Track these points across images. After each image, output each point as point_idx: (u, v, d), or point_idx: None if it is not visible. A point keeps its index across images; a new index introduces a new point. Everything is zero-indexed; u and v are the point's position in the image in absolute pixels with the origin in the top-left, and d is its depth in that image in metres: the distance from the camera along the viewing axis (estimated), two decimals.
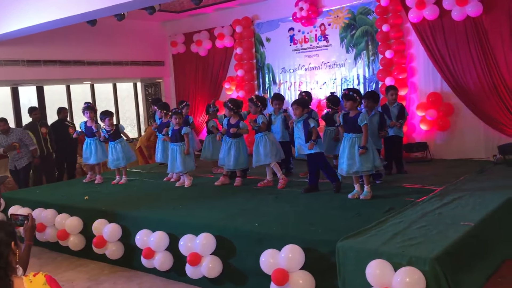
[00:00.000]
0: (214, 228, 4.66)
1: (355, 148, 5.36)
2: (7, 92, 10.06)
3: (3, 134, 8.13)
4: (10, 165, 8.23)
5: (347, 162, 5.37)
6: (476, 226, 4.08)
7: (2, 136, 8.13)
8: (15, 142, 8.07)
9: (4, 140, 8.10)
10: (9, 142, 8.08)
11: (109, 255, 5.41)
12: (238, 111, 6.64)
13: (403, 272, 3.33)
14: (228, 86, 10.46)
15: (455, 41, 7.53)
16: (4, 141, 8.10)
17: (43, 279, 2.24)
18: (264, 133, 6.38)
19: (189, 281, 4.79)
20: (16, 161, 8.17)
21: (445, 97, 7.85)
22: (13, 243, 2.28)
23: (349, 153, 5.38)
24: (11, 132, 8.17)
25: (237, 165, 6.57)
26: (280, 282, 3.90)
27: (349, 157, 5.36)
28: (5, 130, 8.10)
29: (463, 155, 7.70)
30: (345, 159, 5.40)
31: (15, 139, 8.10)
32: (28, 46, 8.97)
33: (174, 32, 11.23)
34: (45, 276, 2.25)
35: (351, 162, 5.35)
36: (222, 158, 6.70)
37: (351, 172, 5.37)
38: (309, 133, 5.79)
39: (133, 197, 6.38)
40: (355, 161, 5.33)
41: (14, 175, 8.32)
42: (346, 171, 5.40)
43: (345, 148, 5.44)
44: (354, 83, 8.79)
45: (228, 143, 6.61)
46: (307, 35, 9.28)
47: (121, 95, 12.15)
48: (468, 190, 5.38)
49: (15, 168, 8.21)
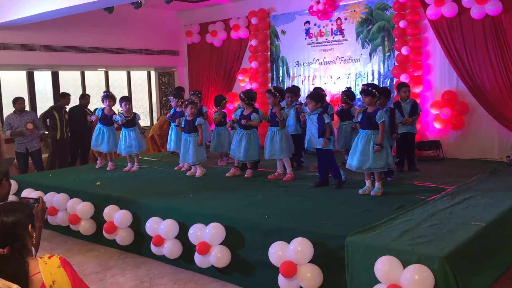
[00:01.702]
0: (223, 218, 4.68)
1: (370, 144, 5.32)
2: (22, 76, 10.16)
3: (16, 114, 8.25)
4: (20, 148, 8.25)
5: (360, 158, 5.35)
6: (487, 227, 4.06)
7: (16, 116, 8.26)
8: (29, 122, 8.20)
9: (18, 120, 8.22)
10: (22, 122, 8.19)
11: (119, 241, 5.47)
12: (250, 102, 6.64)
13: (412, 270, 3.33)
14: (242, 78, 10.45)
15: (473, 40, 7.45)
16: (18, 122, 8.21)
17: (58, 261, 2.27)
18: (280, 127, 6.39)
19: (197, 270, 4.84)
20: (28, 143, 8.25)
21: (460, 95, 7.78)
22: (30, 226, 2.30)
23: (363, 149, 5.34)
24: (25, 113, 8.30)
25: (247, 156, 6.58)
26: (288, 275, 3.92)
27: (362, 153, 5.33)
28: (22, 109, 8.26)
29: (476, 155, 7.64)
30: (357, 155, 5.37)
31: (29, 119, 8.24)
32: (44, 31, 9.04)
33: (190, 22, 11.23)
34: (60, 259, 2.28)
35: (364, 158, 5.32)
36: (233, 149, 6.72)
37: (363, 168, 5.35)
38: (323, 129, 5.78)
39: (144, 185, 6.43)
40: (369, 157, 5.30)
41: (22, 158, 8.28)
42: (358, 167, 5.37)
43: (358, 144, 5.41)
44: (369, 78, 8.73)
45: (240, 135, 6.62)
46: (323, 29, 9.23)
47: (135, 84, 12.22)
48: (480, 190, 5.35)
49: (26, 151, 8.26)
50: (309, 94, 6.21)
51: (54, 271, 2.22)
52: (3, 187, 3.05)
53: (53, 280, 2.20)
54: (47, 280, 2.19)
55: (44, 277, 2.19)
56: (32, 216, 2.34)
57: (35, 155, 8.38)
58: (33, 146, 8.32)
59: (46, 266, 2.23)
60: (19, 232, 2.24)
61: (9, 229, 2.21)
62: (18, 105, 8.28)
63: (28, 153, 8.32)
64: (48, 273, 2.21)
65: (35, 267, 2.21)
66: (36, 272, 2.20)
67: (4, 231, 2.21)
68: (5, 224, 2.21)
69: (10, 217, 2.23)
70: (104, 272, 5.06)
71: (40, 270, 2.21)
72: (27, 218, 2.29)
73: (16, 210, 2.28)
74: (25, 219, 2.28)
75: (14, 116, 8.27)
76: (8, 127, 8.20)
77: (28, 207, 2.37)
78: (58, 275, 2.22)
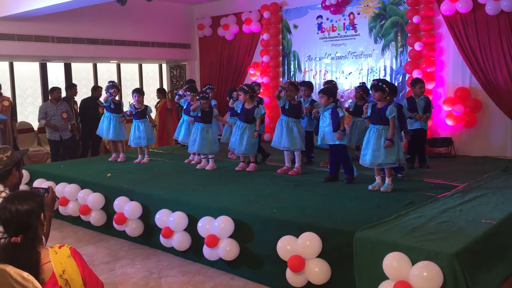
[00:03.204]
0: (233, 211, 4.70)
1: (381, 140, 5.29)
2: (36, 67, 10.24)
3: (52, 104, 8.58)
4: (54, 136, 8.58)
5: (372, 153, 5.32)
6: (497, 225, 4.02)
7: (52, 105, 8.58)
8: (64, 111, 8.61)
9: (54, 109, 8.55)
10: (58, 111, 8.56)
11: (129, 232, 5.51)
12: (253, 94, 6.63)
13: (421, 266, 3.31)
14: (253, 72, 10.44)
15: (487, 36, 7.36)
16: (54, 110, 8.54)
17: (68, 251, 2.30)
18: (297, 120, 6.38)
19: (206, 262, 4.86)
20: (62, 132, 8.60)
21: (474, 92, 7.70)
22: (42, 215, 2.33)
23: (375, 144, 5.31)
24: (60, 103, 8.64)
25: (247, 150, 6.59)
26: (296, 269, 3.93)
27: (374, 149, 5.30)
28: (58, 99, 8.63)
29: (488, 153, 7.58)
30: (369, 150, 5.34)
31: (64, 109, 8.62)
32: (58, 23, 9.10)
33: (202, 15, 11.23)
34: (70, 249, 2.32)
35: (377, 154, 5.28)
36: (234, 142, 6.71)
37: (375, 163, 5.33)
38: (338, 122, 5.75)
39: (154, 177, 6.47)
40: (381, 153, 5.27)
41: (56, 145, 8.62)
42: (371, 162, 5.35)
43: (370, 140, 5.38)
44: (381, 74, 8.68)
45: (242, 128, 6.62)
46: (336, 23, 9.18)
47: (146, 76, 12.26)
48: (491, 188, 5.30)
49: (60, 138, 8.59)
50: (322, 89, 6.18)
51: (64, 261, 2.25)
52: (13, 176, 3.09)
53: (63, 270, 2.23)
54: (57, 269, 2.22)
55: (54, 267, 2.22)
56: (44, 205, 2.37)
57: (68, 143, 8.76)
58: (66, 135, 8.70)
59: (56, 256, 2.26)
60: (31, 221, 2.26)
61: (23, 218, 2.24)
62: (56, 94, 8.63)
63: (62, 141, 8.65)
64: (58, 262, 2.24)
65: (45, 257, 2.25)
66: (46, 261, 2.23)
67: (18, 219, 2.24)
68: (19, 213, 2.24)
69: (24, 205, 2.26)
70: (114, 262, 5.10)
71: (51, 259, 2.24)
72: (39, 207, 2.32)
73: (29, 199, 2.30)
74: (38, 208, 2.31)
75: (51, 105, 8.60)
76: (44, 116, 8.52)
77: (40, 197, 2.40)
78: (68, 265, 2.25)
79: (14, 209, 2.24)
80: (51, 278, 2.20)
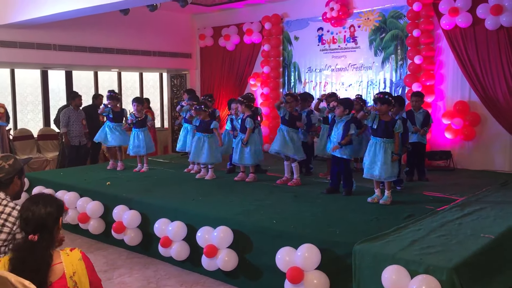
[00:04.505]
0: (232, 222, 4.70)
1: (388, 153, 5.27)
2: (37, 75, 10.28)
3: (74, 110, 8.94)
4: (74, 141, 8.89)
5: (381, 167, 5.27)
6: (496, 239, 4.03)
7: (74, 111, 8.93)
8: (83, 118, 8.99)
9: (75, 115, 8.91)
10: (79, 118, 8.92)
11: (127, 241, 5.50)
12: (249, 104, 6.68)
13: (420, 280, 3.32)
14: (253, 82, 10.49)
15: (486, 51, 7.42)
16: (75, 116, 8.90)
17: (79, 254, 2.41)
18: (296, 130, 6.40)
19: (204, 272, 4.85)
20: (81, 137, 8.93)
21: (473, 106, 7.74)
22: (60, 219, 2.46)
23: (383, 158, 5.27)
24: (79, 110, 9.04)
25: (242, 160, 6.62)
26: (295, 281, 3.92)
27: (383, 163, 5.27)
28: (79, 105, 9.04)
29: (487, 167, 7.59)
30: (379, 164, 5.29)
31: (83, 116, 9.01)
32: (60, 31, 9.15)
33: (203, 25, 11.30)
34: (81, 252, 2.42)
35: (385, 168, 5.26)
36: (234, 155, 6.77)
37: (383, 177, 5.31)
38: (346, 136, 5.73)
39: (153, 186, 6.47)
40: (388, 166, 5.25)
41: (75, 150, 8.92)
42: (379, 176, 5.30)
43: (377, 154, 5.32)
44: (381, 87, 8.72)
45: (238, 138, 6.72)
46: (336, 35, 9.24)
47: (147, 85, 12.30)
48: (490, 202, 5.32)
49: (79, 143, 8.92)
50: (340, 99, 6.13)
51: (75, 263, 2.36)
52: (15, 185, 3.10)
53: (74, 272, 2.33)
54: (68, 270, 2.32)
55: (66, 268, 2.32)
56: (63, 209, 2.51)
57: (85, 149, 9.11)
58: (83, 141, 9.02)
59: (68, 257, 2.36)
60: (50, 222, 2.38)
61: (42, 218, 2.36)
62: (78, 101, 9.04)
63: (80, 146, 8.97)
64: (69, 264, 2.34)
65: (57, 258, 2.35)
66: (58, 262, 2.33)
67: (37, 219, 2.36)
68: (39, 213, 2.37)
69: (45, 208, 2.39)
70: (112, 271, 5.09)
71: (62, 261, 2.34)
72: (59, 211, 2.45)
73: (50, 202, 2.44)
74: (57, 212, 2.44)
75: (73, 111, 8.93)
76: (67, 121, 8.80)
77: (59, 201, 2.52)
78: (79, 267, 2.35)
79: (36, 209, 2.37)
80: (61, 278, 2.30)
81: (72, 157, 8.92)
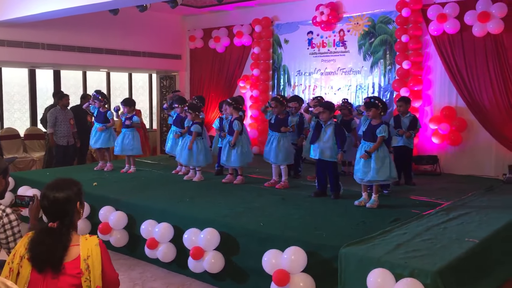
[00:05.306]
0: (219, 224, 4.69)
1: (379, 157, 5.32)
2: (24, 74, 10.18)
3: (62, 110, 8.85)
4: (62, 141, 8.79)
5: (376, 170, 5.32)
6: (480, 243, 4.07)
7: (61, 111, 8.83)
8: (71, 118, 8.91)
9: (62, 115, 8.81)
10: (67, 118, 8.84)
11: (113, 243, 5.46)
12: (238, 107, 6.70)
13: (404, 283, 3.34)
14: (243, 85, 10.49)
15: (473, 57, 7.50)
16: (63, 116, 8.79)
17: (97, 240, 2.47)
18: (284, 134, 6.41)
19: (190, 274, 4.84)
20: (69, 137, 8.87)
21: (459, 112, 7.82)
22: (78, 203, 2.49)
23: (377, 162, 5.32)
24: (67, 110, 8.97)
25: (229, 162, 6.62)
26: (280, 283, 3.92)
27: (378, 166, 5.31)
28: (67, 105, 8.97)
29: (472, 172, 7.67)
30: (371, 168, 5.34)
31: (70, 116, 8.92)
32: (49, 30, 9.07)
33: (193, 27, 11.28)
34: (99, 239, 2.49)
35: (382, 171, 5.31)
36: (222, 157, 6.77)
37: (365, 180, 5.37)
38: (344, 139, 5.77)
39: (140, 187, 6.44)
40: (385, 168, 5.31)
41: (62, 150, 8.83)
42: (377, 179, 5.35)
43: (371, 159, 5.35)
44: (369, 91, 8.78)
45: (225, 140, 6.72)
46: (326, 39, 9.28)
47: (136, 86, 12.25)
48: (475, 207, 5.37)
49: (67, 143, 8.84)
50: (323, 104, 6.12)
51: (91, 248, 2.41)
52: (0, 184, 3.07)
53: (88, 255, 2.39)
54: (83, 253, 2.38)
55: (81, 250, 2.39)
56: (81, 193, 2.54)
57: (73, 148, 9.05)
58: (71, 141, 8.94)
59: (86, 241, 2.43)
60: (68, 208, 2.43)
61: (61, 205, 2.41)
62: (65, 101, 8.96)
63: (68, 146, 8.89)
64: (86, 248, 2.40)
65: (75, 240, 2.42)
66: (75, 243, 2.40)
67: (56, 206, 2.41)
68: (57, 199, 2.41)
69: (62, 193, 2.43)
70: None
71: (80, 243, 2.41)
72: (76, 195, 2.49)
73: (67, 187, 2.47)
74: (75, 196, 2.48)
75: (60, 111, 8.84)
76: (54, 121, 8.70)
77: (77, 185, 2.55)
78: (94, 252, 2.41)
79: (52, 196, 2.41)
80: (75, 260, 2.35)
81: (59, 157, 8.86)
